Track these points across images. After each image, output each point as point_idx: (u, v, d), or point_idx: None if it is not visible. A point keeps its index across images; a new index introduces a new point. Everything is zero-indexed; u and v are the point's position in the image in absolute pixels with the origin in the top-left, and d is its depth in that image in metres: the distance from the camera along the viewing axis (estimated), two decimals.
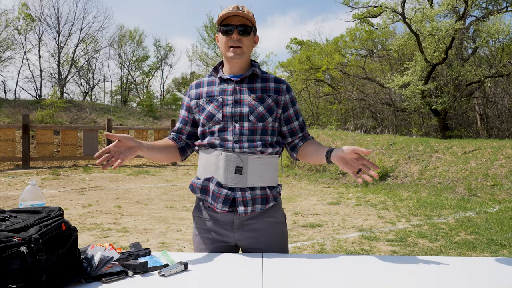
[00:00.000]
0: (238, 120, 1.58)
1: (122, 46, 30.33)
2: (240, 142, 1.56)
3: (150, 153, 1.56)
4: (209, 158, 1.60)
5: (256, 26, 1.64)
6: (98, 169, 13.14)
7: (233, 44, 1.57)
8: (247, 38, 1.59)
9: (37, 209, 1.22)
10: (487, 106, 19.19)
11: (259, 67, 1.70)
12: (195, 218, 1.69)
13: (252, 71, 1.64)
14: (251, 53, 1.67)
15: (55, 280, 1.08)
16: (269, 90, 1.63)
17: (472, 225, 5.61)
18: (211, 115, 1.60)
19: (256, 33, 1.66)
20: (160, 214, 6.44)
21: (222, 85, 1.64)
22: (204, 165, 1.62)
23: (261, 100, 1.60)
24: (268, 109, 1.60)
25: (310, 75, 23.01)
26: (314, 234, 5.26)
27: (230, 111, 1.58)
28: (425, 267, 1.33)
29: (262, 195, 1.58)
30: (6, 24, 22.44)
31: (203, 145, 1.63)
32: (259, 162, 1.58)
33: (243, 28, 1.57)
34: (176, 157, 1.70)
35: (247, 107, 1.58)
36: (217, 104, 1.60)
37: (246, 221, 1.59)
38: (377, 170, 1.34)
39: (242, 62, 1.62)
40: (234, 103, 1.59)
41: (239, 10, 1.56)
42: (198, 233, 1.65)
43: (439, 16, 16.41)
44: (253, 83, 1.63)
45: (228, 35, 1.58)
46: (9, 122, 15.61)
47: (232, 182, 1.55)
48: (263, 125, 1.59)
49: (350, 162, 1.44)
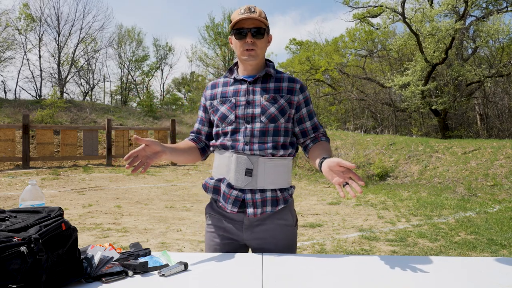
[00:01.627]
0: (250, 121, 1.58)
1: (121, 45, 30.34)
2: (251, 144, 1.56)
3: (173, 155, 1.58)
4: (222, 159, 1.62)
5: (268, 25, 1.64)
6: (98, 169, 13.14)
7: (247, 47, 1.57)
8: (260, 40, 1.59)
9: (37, 209, 1.22)
10: (487, 106, 19.18)
11: (274, 66, 1.69)
12: (207, 215, 1.71)
13: (266, 71, 1.64)
14: (265, 53, 1.66)
15: (55, 280, 1.08)
16: (282, 90, 1.62)
17: (472, 225, 5.61)
18: (224, 116, 1.61)
19: (269, 33, 1.66)
20: (160, 214, 6.44)
21: (236, 86, 1.65)
22: (217, 166, 1.64)
23: (274, 100, 1.59)
24: (281, 109, 1.59)
25: (310, 75, 23.01)
26: (314, 234, 5.26)
27: (243, 112, 1.59)
28: (425, 267, 1.33)
29: (273, 197, 1.58)
30: (7, 24, 22.45)
31: (216, 146, 1.64)
32: (270, 165, 1.58)
33: (256, 30, 1.57)
34: (198, 157, 1.73)
35: (259, 108, 1.58)
36: (230, 105, 1.61)
37: (255, 222, 1.60)
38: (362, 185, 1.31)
39: (256, 64, 1.63)
40: (247, 104, 1.59)
41: (251, 12, 1.56)
42: (210, 229, 1.67)
43: (439, 16, 16.41)
44: (266, 83, 1.63)
45: (241, 38, 1.58)
46: (9, 122, 15.62)
47: (242, 183, 1.56)
48: (275, 126, 1.58)
49: (336, 174, 1.38)
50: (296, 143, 1.69)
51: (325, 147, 1.62)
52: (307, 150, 1.68)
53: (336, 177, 1.38)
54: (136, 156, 1.44)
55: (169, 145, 1.58)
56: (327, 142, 1.67)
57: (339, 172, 1.37)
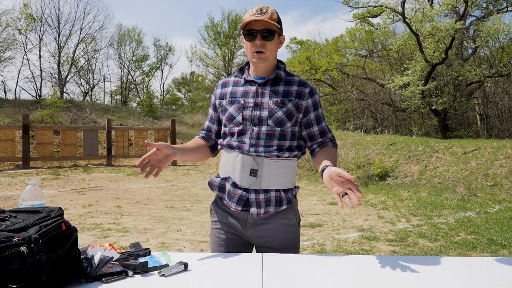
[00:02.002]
0: (257, 124, 1.58)
1: (122, 45, 30.34)
2: (256, 146, 1.57)
3: (183, 156, 1.61)
4: (228, 159, 1.63)
5: (281, 26, 1.62)
6: (98, 169, 13.14)
7: (257, 49, 1.57)
8: (271, 42, 1.58)
9: (37, 209, 1.22)
10: (487, 106, 19.18)
11: (285, 69, 1.68)
12: (212, 212, 1.72)
13: (276, 74, 1.63)
14: (276, 54, 1.65)
15: (55, 280, 1.08)
16: (291, 94, 1.61)
17: (472, 225, 5.61)
18: (232, 116, 1.62)
19: (281, 34, 1.64)
20: (160, 214, 6.44)
21: (246, 87, 1.65)
22: (224, 164, 1.65)
23: (281, 104, 1.59)
24: (288, 114, 1.59)
25: (310, 75, 23.01)
26: (314, 234, 5.27)
27: (250, 114, 1.59)
28: (425, 267, 1.33)
29: (277, 197, 1.59)
30: (7, 24, 22.45)
31: (224, 145, 1.65)
32: (275, 166, 1.58)
33: (266, 32, 1.55)
34: (208, 155, 1.75)
35: (266, 111, 1.58)
36: (238, 106, 1.62)
37: (259, 221, 1.61)
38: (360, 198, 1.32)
39: (266, 66, 1.62)
40: (255, 106, 1.60)
41: (262, 13, 1.55)
42: (215, 226, 1.69)
43: (439, 16, 16.40)
44: (276, 86, 1.62)
45: (251, 40, 1.57)
46: (9, 122, 15.62)
47: (247, 183, 1.57)
48: (282, 130, 1.58)
49: (336, 183, 1.38)
50: (303, 146, 1.68)
51: (330, 153, 1.60)
52: (313, 154, 1.68)
53: (336, 186, 1.39)
54: (148, 161, 1.47)
55: (179, 146, 1.60)
56: (334, 148, 1.66)
57: (339, 182, 1.38)
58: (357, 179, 10.13)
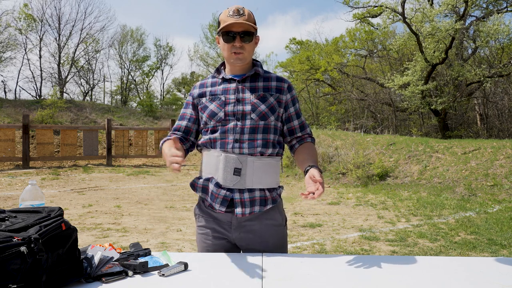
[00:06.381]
0: (240, 118, 1.58)
1: (123, 45, 30.32)
2: (241, 142, 1.56)
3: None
4: (210, 158, 1.61)
5: (256, 27, 1.64)
6: (98, 169, 13.14)
7: (236, 50, 1.58)
8: (249, 44, 1.59)
9: (37, 209, 1.22)
10: (487, 106, 19.18)
11: (261, 66, 1.71)
12: (196, 216, 1.70)
13: (254, 70, 1.65)
14: (252, 54, 1.67)
15: (55, 280, 1.08)
16: (271, 89, 1.64)
17: (472, 225, 5.61)
18: (213, 113, 1.61)
19: (256, 34, 1.66)
20: (160, 214, 6.44)
21: (225, 85, 1.65)
22: (206, 164, 1.63)
23: (263, 98, 1.61)
24: (270, 107, 1.61)
25: (310, 75, 23.00)
26: (314, 234, 5.27)
27: (232, 109, 1.59)
28: (425, 267, 1.34)
29: (261, 196, 1.59)
30: (7, 24, 22.44)
31: (204, 144, 1.63)
32: (259, 164, 1.58)
33: (245, 34, 1.57)
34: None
35: (249, 105, 1.59)
36: (220, 102, 1.61)
37: (244, 222, 1.59)
38: (316, 198, 1.40)
39: (244, 65, 1.64)
40: (237, 102, 1.60)
41: (240, 15, 1.56)
42: (201, 231, 1.67)
43: (439, 16, 16.39)
44: (255, 82, 1.64)
45: (230, 41, 1.58)
46: (9, 122, 15.61)
47: (231, 183, 1.56)
48: (265, 123, 1.60)
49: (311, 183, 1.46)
50: (283, 142, 1.70)
51: (310, 150, 1.65)
52: (293, 150, 1.71)
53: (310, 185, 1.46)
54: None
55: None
56: (313, 143, 1.71)
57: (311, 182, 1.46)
58: (357, 179, 10.14)
